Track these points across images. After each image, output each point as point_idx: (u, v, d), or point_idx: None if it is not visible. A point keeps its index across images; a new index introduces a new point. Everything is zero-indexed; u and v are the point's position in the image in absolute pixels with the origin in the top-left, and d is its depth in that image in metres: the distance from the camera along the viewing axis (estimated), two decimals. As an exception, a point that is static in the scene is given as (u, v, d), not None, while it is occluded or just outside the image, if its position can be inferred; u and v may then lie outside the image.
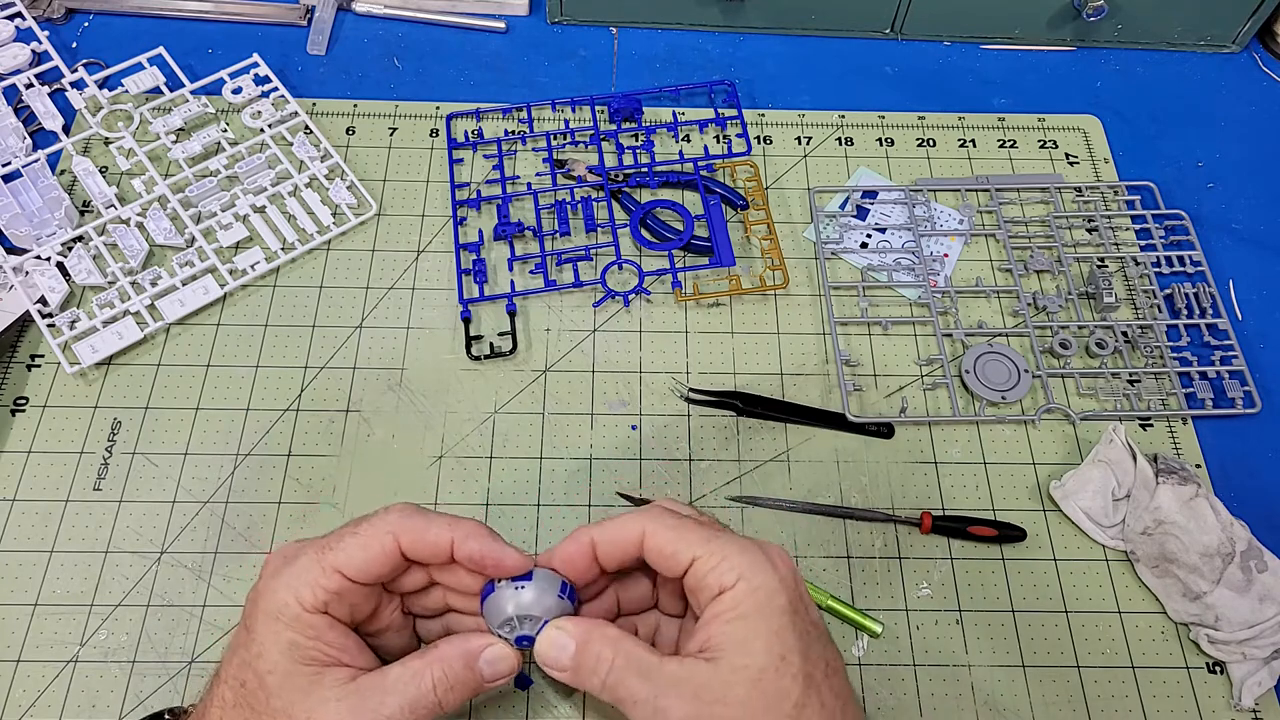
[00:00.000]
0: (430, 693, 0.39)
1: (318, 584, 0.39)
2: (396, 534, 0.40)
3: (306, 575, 0.39)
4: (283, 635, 0.39)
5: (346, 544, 0.40)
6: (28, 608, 0.52)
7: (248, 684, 0.38)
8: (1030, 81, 0.75)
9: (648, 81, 0.73)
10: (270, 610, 0.39)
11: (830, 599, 0.53)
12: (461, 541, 0.41)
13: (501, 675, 0.41)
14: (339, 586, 0.39)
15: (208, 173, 0.65)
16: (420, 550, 0.41)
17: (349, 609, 0.41)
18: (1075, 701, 0.51)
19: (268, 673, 0.38)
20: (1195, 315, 0.64)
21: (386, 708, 0.38)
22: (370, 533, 0.40)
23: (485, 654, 0.41)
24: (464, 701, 0.41)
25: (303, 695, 0.38)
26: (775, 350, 0.62)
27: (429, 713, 0.39)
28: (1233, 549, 0.53)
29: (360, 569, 0.40)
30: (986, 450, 0.59)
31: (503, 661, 0.41)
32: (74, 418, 0.57)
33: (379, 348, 0.61)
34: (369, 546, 0.40)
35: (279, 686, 0.38)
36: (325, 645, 0.39)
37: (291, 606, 0.39)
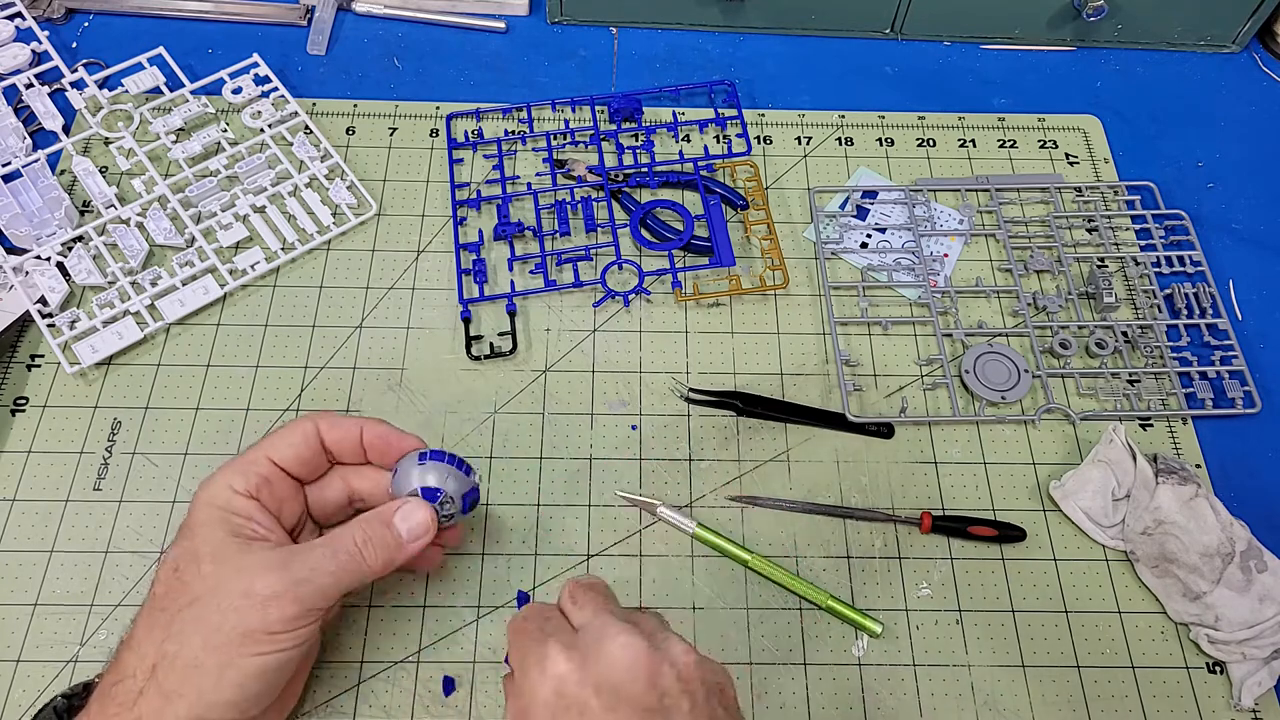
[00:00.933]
0: (350, 544, 0.43)
1: (249, 470, 0.44)
2: (315, 421, 0.46)
3: (238, 465, 0.44)
4: (216, 516, 0.43)
5: (273, 436, 0.46)
6: (28, 608, 0.52)
7: (180, 566, 0.42)
8: (1030, 81, 0.75)
9: (648, 81, 0.73)
10: (204, 499, 0.43)
11: (830, 599, 0.53)
12: (370, 425, 0.47)
13: (418, 530, 0.45)
14: (268, 472, 0.45)
15: (208, 173, 0.65)
16: (336, 433, 0.46)
17: (277, 502, 0.45)
18: (1075, 701, 0.51)
19: (201, 546, 0.42)
20: (1195, 315, 0.64)
21: (311, 558, 0.42)
22: (293, 424, 0.46)
23: (400, 510, 0.45)
24: (386, 564, 0.44)
25: (233, 561, 0.41)
26: (775, 350, 0.62)
27: (350, 563, 0.43)
28: (1233, 549, 0.53)
29: (286, 453, 0.45)
30: (986, 450, 0.59)
31: (415, 515, 0.45)
32: (74, 418, 0.57)
33: (379, 348, 0.61)
34: (292, 433, 0.46)
35: (212, 554, 0.41)
36: (255, 524, 0.43)
37: (224, 491, 0.43)
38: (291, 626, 0.40)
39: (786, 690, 0.51)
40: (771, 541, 0.55)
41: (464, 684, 0.50)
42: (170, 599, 0.41)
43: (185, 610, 0.40)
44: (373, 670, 0.51)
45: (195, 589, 0.41)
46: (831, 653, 0.52)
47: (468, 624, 0.52)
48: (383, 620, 0.52)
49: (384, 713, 0.49)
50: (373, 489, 0.48)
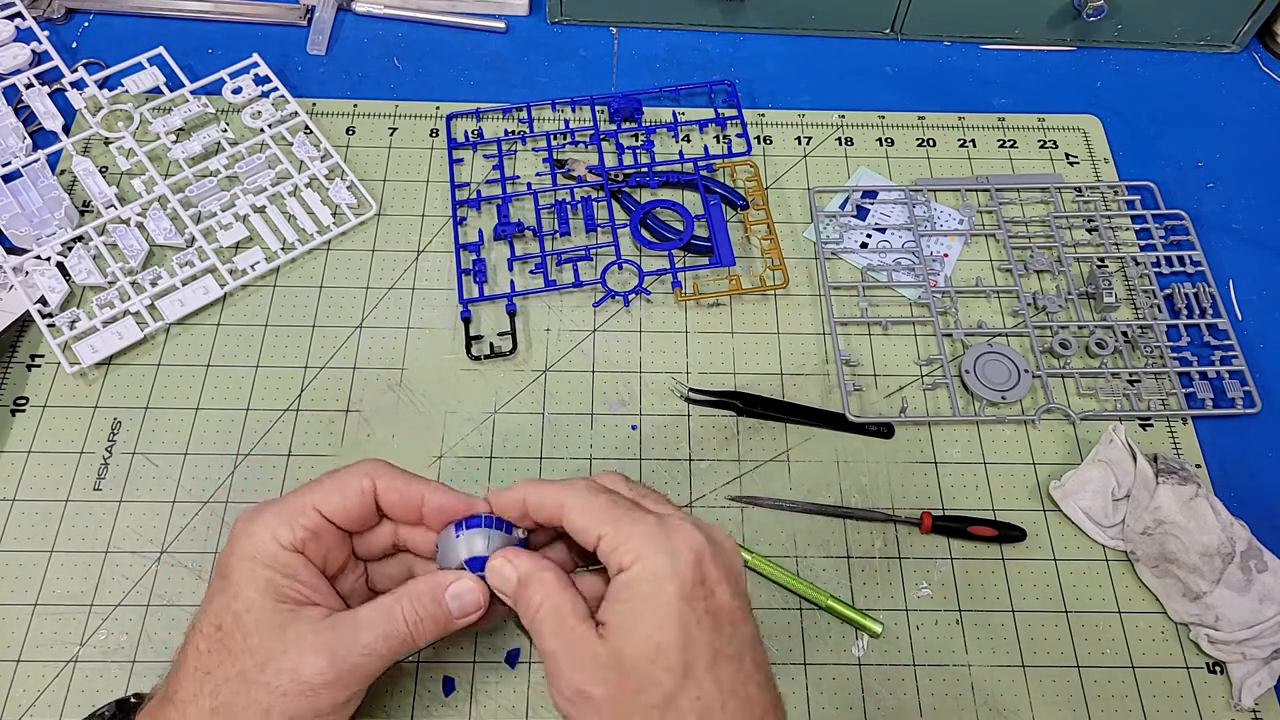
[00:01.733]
0: (402, 625, 0.41)
1: (295, 522, 0.41)
2: (373, 477, 0.43)
3: (284, 514, 0.41)
4: (260, 574, 0.40)
5: (324, 485, 0.42)
6: (28, 608, 0.52)
7: (224, 626, 0.40)
8: (1030, 81, 0.75)
9: (648, 81, 0.73)
10: (248, 551, 0.40)
11: (830, 599, 0.53)
12: (432, 493, 0.43)
13: (468, 609, 0.42)
14: (316, 525, 0.41)
15: (208, 173, 0.65)
16: (393, 496, 0.43)
17: (323, 554, 0.42)
18: (1075, 701, 0.51)
19: (244, 611, 0.39)
20: (1195, 315, 0.64)
21: (361, 640, 0.40)
22: (347, 476, 0.43)
23: (452, 588, 0.42)
24: (435, 638, 0.42)
25: (279, 631, 0.39)
26: (775, 350, 0.62)
27: (401, 645, 0.41)
28: (1233, 549, 0.53)
29: (337, 508, 0.42)
30: (986, 450, 0.59)
31: (468, 594, 0.42)
32: (74, 418, 0.57)
33: (379, 348, 0.61)
34: (346, 487, 0.42)
35: (256, 624, 0.39)
36: (300, 585, 0.41)
37: (269, 545, 0.40)
38: (338, 711, 0.40)
39: (786, 690, 0.51)
40: (771, 541, 0.55)
41: (464, 684, 0.50)
42: (215, 663, 0.39)
43: (232, 682, 0.39)
44: (373, 670, 0.51)
45: (241, 661, 0.39)
46: (831, 653, 0.52)
47: (468, 624, 0.52)
48: (383, 620, 0.52)
49: (384, 713, 0.49)
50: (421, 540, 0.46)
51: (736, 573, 0.40)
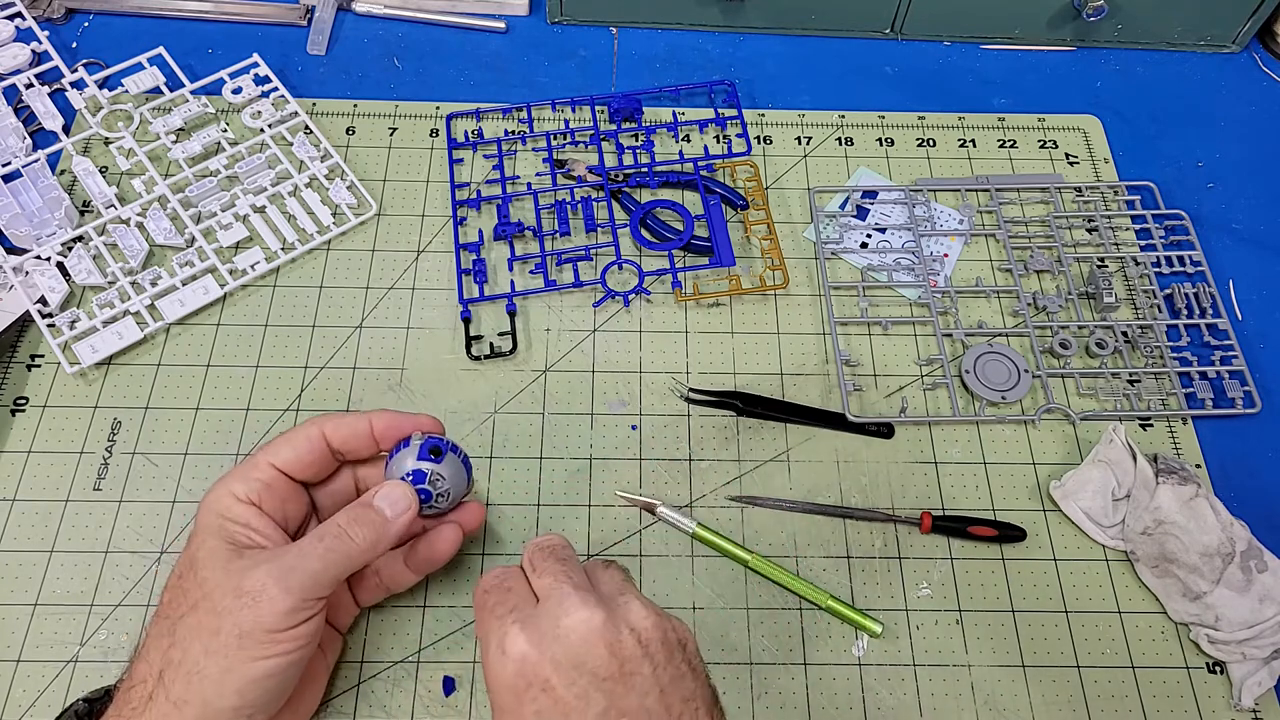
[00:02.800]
0: (340, 532, 0.43)
1: (250, 477, 0.44)
2: (319, 424, 0.46)
3: (240, 471, 0.44)
4: (215, 523, 0.43)
5: (276, 441, 0.46)
6: (28, 608, 0.52)
7: (183, 575, 0.42)
8: (1030, 81, 0.75)
9: (648, 81, 0.73)
10: (207, 506, 0.43)
11: (830, 599, 0.53)
12: (378, 416, 0.47)
13: (400, 507, 0.44)
14: (269, 477, 0.44)
15: (208, 173, 0.65)
16: (342, 431, 0.46)
17: (280, 505, 0.45)
18: (1075, 701, 0.51)
19: (198, 553, 0.42)
20: (1195, 315, 0.64)
21: (308, 559, 0.41)
22: (296, 428, 0.46)
23: (380, 492, 0.45)
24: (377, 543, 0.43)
25: (225, 564, 0.41)
26: (775, 350, 0.62)
27: (344, 552, 0.42)
28: (1233, 549, 0.53)
29: (289, 459, 0.45)
30: (986, 450, 0.59)
31: (394, 491, 0.45)
32: (74, 418, 0.57)
33: (379, 348, 0.61)
34: (295, 437, 0.46)
35: (207, 561, 0.41)
36: (253, 531, 0.43)
37: (225, 499, 0.43)
38: (287, 622, 0.40)
39: (786, 690, 0.51)
40: (771, 541, 0.55)
41: (464, 684, 0.50)
42: (173, 607, 0.41)
43: (186, 617, 0.40)
44: (373, 670, 0.51)
45: (193, 595, 0.41)
46: (831, 653, 0.52)
47: (468, 624, 0.52)
48: (383, 620, 0.52)
49: (384, 713, 0.49)
50: (377, 475, 0.48)
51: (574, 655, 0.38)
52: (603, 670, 0.38)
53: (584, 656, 0.38)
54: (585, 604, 0.40)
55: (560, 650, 0.39)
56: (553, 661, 0.38)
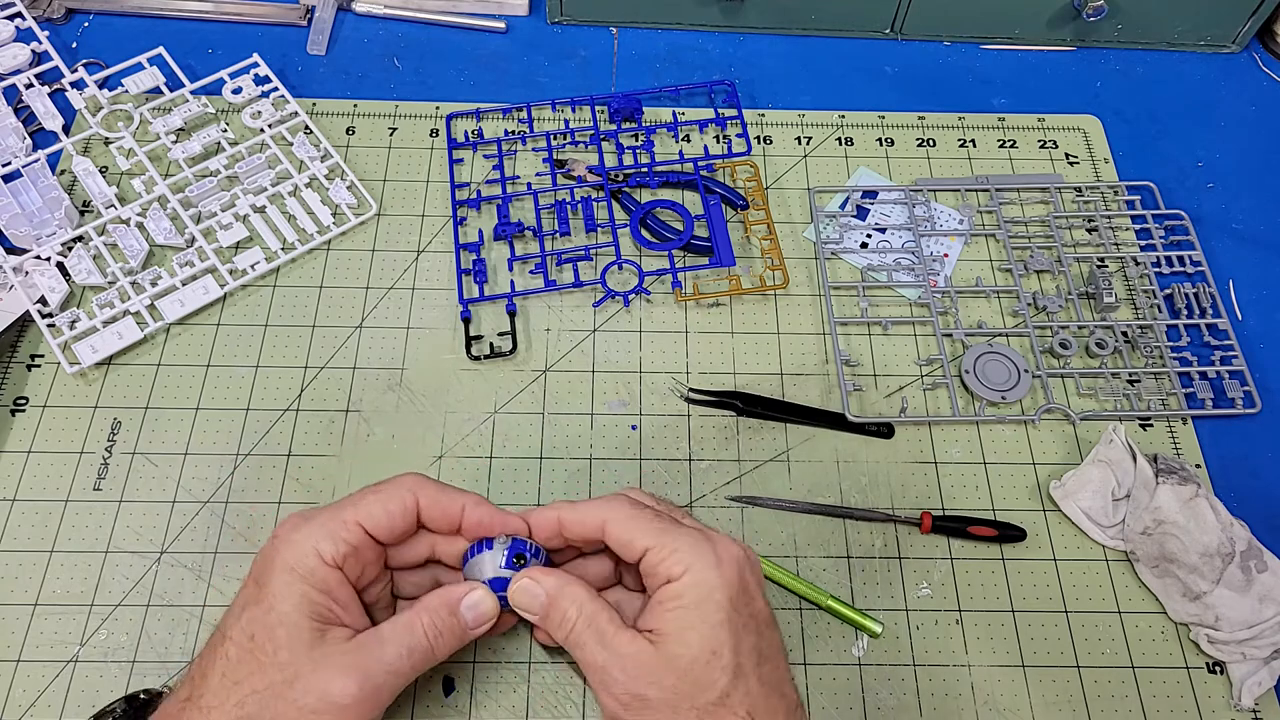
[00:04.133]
0: (423, 639, 0.42)
1: (339, 537, 0.41)
2: (415, 492, 0.44)
3: (327, 529, 0.42)
4: (297, 588, 0.40)
5: (368, 500, 0.43)
6: (28, 608, 0.52)
7: (256, 637, 0.40)
8: (1030, 81, 0.75)
9: (648, 81, 0.73)
10: (289, 562, 0.41)
11: (830, 599, 0.53)
12: (472, 506, 0.45)
13: (483, 619, 0.44)
14: (359, 541, 0.42)
15: (208, 173, 0.65)
16: (435, 511, 0.44)
17: (360, 569, 0.43)
18: (1075, 701, 0.51)
19: (278, 625, 0.40)
20: (1195, 315, 0.64)
21: (386, 656, 0.41)
22: (391, 491, 0.44)
23: (467, 599, 0.43)
24: (454, 649, 0.43)
25: (308, 650, 0.40)
26: (775, 350, 0.62)
27: (423, 658, 0.42)
28: (1233, 549, 0.53)
29: (380, 523, 0.43)
30: (986, 450, 0.59)
31: (482, 604, 0.44)
32: (74, 418, 0.57)
33: (379, 348, 0.61)
34: (390, 502, 0.43)
35: (287, 639, 0.40)
36: (334, 603, 0.41)
37: (311, 559, 0.41)
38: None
39: (786, 690, 0.51)
40: (771, 541, 0.55)
41: (464, 684, 0.50)
42: (244, 673, 0.40)
43: (261, 694, 0.39)
44: (373, 670, 0.51)
45: (270, 674, 0.39)
46: (831, 653, 0.52)
47: (468, 624, 0.52)
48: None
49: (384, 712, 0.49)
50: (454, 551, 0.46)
51: (763, 583, 0.43)
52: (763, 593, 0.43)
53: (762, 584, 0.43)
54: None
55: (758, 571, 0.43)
56: (757, 577, 0.43)
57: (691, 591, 0.41)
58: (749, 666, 0.40)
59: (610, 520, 0.43)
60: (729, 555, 0.42)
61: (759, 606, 0.42)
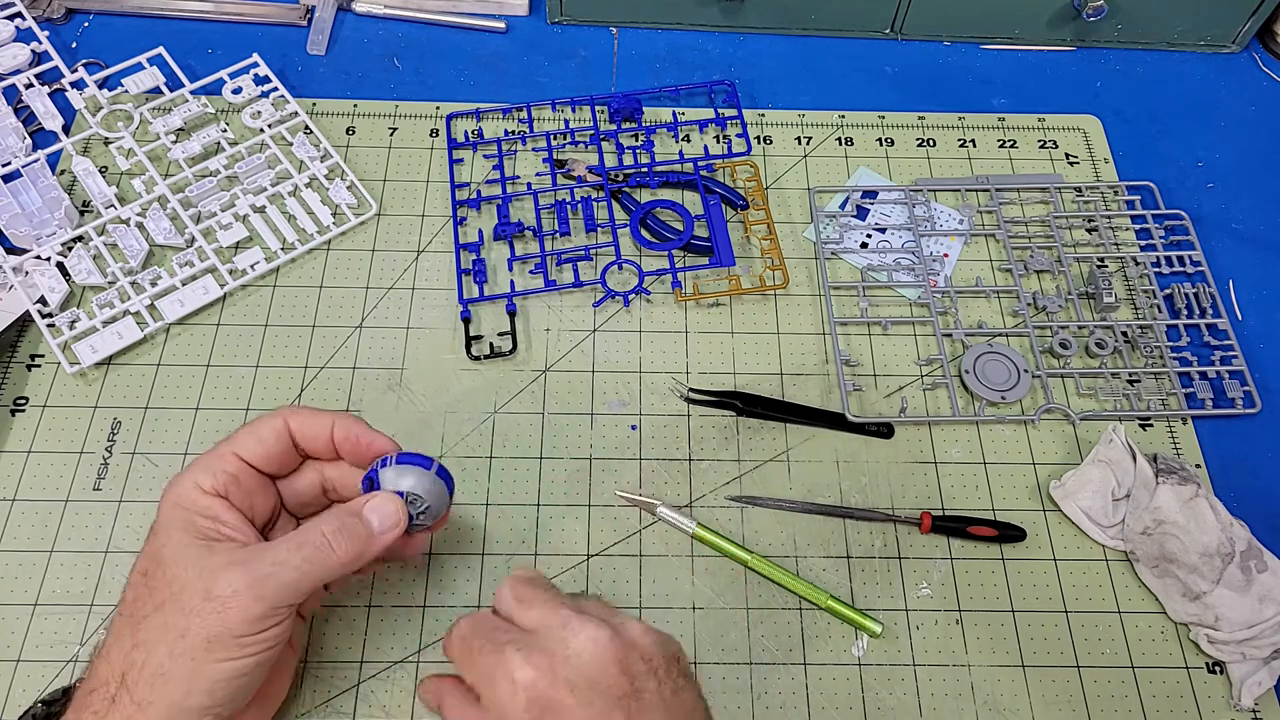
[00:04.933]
0: (318, 537, 0.41)
1: (213, 468, 0.43)
2: (284, 416, 0.45)
3: (205, 463, 0.43)
4: (181, 516, 0.41)
5: (241, 432, 0.44)
6: (28, 608, 0.52)
7: (148, 572, 0.41)
8: (1030, 81, 0.75)
9: (648, 81, 0.73)
10: (170, 499, 0.42)
11: (830, 599, 0.53)
12: (340, 422, 0.45)
13: (389, 521, 0.43)
14: (235, 469, 0.43)
15: (208, 173, 0.65)
16: (306, 430, 0.45)
17: (247, 498, 0.43)
18: (1075, 701, 0.51)
19: (163, 547, 0.40)
20: (1195, 315, 0.64)
21: (274, 553, 0.40)
22: (261, 420, 0.45)
23: (370, 503, 0.43)
24: (356, 556, 0.42)
25: (196, 562, 0.40)
26: (775, 350, 0.62)
27: (323, 563, 0.41)
28: (1232, 549, 0.53)
29: (255, 451, 0.44)
30: (986, 450, 0.59)
31: (386, 504, 0.43)
32: (74, 418, 0.57)
33: (379, 348, 0.61)
34: (260, 429, 0.44)
35: (174, 557, 0.40)
36: (221, 524, 0.41)
37: (190, 491, 0.42)
38: (257, 628, 0.39)
39: (786, 690, 0.51)
40: (771, 541, 0.55)
41: (464, 684, 0.50)
42: (137, 605, 0.40)
43: (151, 616, 0.39)
44: (373, 670, 0.51)
45: (160, 595, 0.40)
46: (831, 653, 0.52)
47: (468, 624, 0.52)
48: (383, 620, 0.52)
49: (384, 713, 0.49)
50: (346, 478, 0.47)
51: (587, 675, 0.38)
52: (616, 689, 0.38)
53: (598, 676, 0.38)
54: (590, 623, 0.39)
55: (573, 671, 0.38)
56: (567, 683, 0.38)
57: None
58: None
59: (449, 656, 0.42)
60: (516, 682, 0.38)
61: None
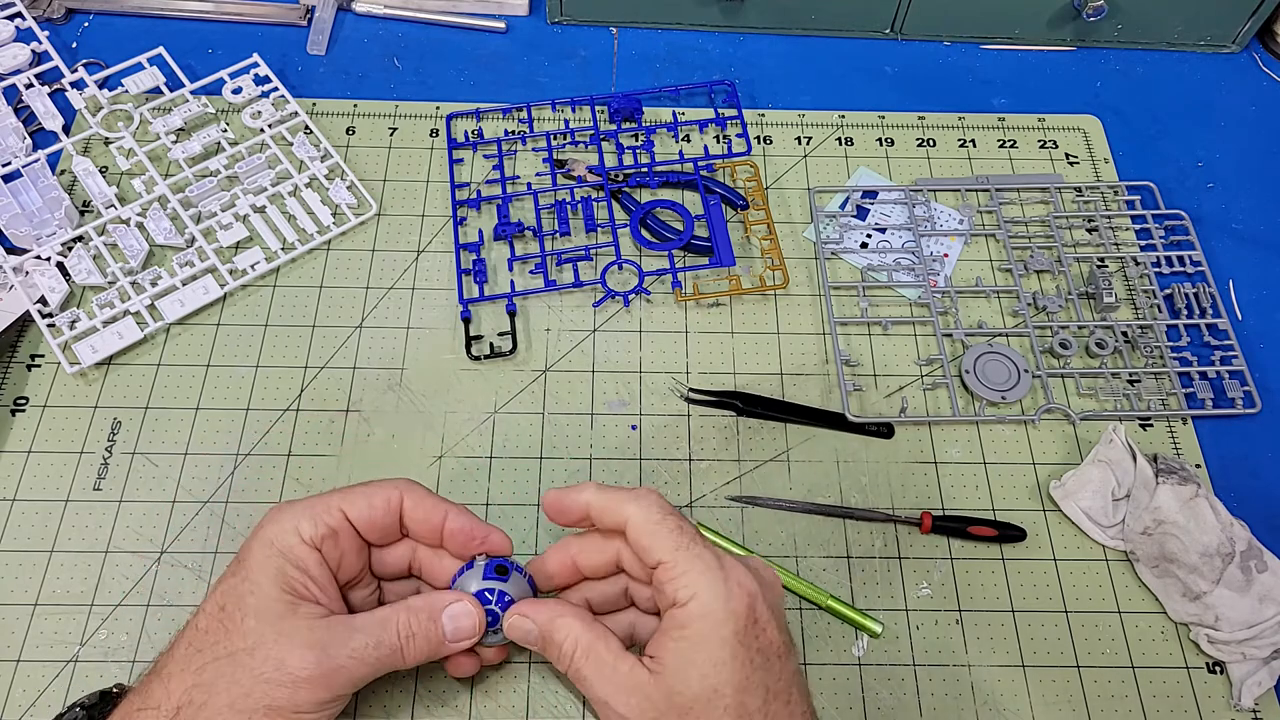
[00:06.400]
0: (394, 637, 0.41)
1: (319, 519, 0.42)
2: (402, 490, 0.44)
3: (310, 511, 0.42)
4: (273, 561, 0.41)
5: (355, 491, 0.44)
6: (28, 608, 0.52)
7: (226, 607, 0.40)
8: (1030, 81, 0.75)
9: (648, 81, 0.73)
10: (268, 537, 0.42)
11: (830, 599, 0.53)
12: (455, 514, 0.45)
13: (463, 634, 0.43)
14: (338, 524, 0.43)
15: (208, 173, 0.65)
16: (418, 513, 0.44)
17: (339, 556, 0.43)
18: (1075, 701, 0.51)
19: (248, 593, 0.40)
20: (1195, 315, 0.64)
21: (352, 643, 0.40)
22: (378, 485, 0.44)
23: (450, 608, 0.43)
24: (425, 658, 0.43)
25: (275, 620, 0.40)
26: (775, 350, 0.62)
27: (390, 656, 0.41)
28: (1232, 549, 0.53)
29: (362, 514, 0.43)
30: (986, 450, 0.59)
31: (465, 618, 0.43)
32: (74, 418, 0.57)
33: (379, 348, 0.61)
34: (374, 495, 0.44)
35: (256, 607, 0.40)
36: (309, 580, 0.41)
37: (289, 535, 0.41)
38: (319, 710, 0.40)
39: (786, 690, 0.51)
40: (771, 541, 0.55)
41: (464, 684, 0.50)
42: (209, 641, 0.40)
43: (220, 661, 0.39)
44: (373, 670, 0.51)
45: (234, 642, 0.39)
46: (831, 653, 0.52)
47: (468, 624, 0.52)
48: (383, 620, 0.52)
49: (384, 713, 0.49)
50: (437, 566, 0.46)
51: (781, 609, 0.42)
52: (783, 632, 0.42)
53: (781, 612, 0.42)
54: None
55: (772, 599, 0.41)
56: (769, 606, 0.41)
57: (696, 623, 0.39)
58: (754, 705, 0.39)
59: (634, 518, 0.42)
60: (740, 586, 0.40)
61: (769, 638, 0.40)
